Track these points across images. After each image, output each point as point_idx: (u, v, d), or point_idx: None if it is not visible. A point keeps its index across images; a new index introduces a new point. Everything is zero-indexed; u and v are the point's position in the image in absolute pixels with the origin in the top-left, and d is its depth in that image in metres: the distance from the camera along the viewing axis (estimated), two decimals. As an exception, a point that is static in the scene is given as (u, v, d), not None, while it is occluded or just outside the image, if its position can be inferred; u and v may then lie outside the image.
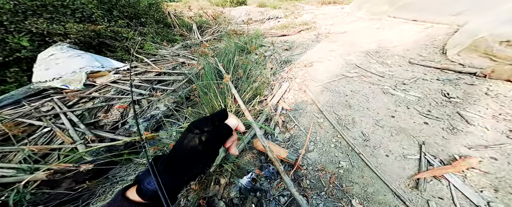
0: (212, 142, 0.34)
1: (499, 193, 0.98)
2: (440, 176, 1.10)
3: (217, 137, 0.35)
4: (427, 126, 1.46)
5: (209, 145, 0.33)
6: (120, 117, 1.77)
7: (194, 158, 0.33)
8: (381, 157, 1.28)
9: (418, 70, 2.24)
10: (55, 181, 1.14)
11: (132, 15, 3.20)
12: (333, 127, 1.57)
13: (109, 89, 2.00)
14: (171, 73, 2.40)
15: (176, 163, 0.33)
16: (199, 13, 5.12)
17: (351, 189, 1.13)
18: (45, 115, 1.57)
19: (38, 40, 2.09)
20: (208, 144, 0.33)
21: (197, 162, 0.33)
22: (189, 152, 0.33)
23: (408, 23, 3.89)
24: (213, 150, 0.35)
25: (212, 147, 0.34)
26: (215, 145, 0.35)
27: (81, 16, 2.43)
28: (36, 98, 1.87)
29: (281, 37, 4.06)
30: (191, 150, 0.32)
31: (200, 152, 0.33)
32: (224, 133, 0.36)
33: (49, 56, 1.91)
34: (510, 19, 2.38)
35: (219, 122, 0.36)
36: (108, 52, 2.63)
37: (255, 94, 1.94)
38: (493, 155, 1.16)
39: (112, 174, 1.44)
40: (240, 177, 1.29)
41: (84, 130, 1.42)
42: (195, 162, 0.33)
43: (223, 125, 0.36)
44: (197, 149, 0.32)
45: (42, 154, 1.28)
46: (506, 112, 1.46)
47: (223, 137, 0.36)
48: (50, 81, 1.87)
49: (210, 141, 0.33)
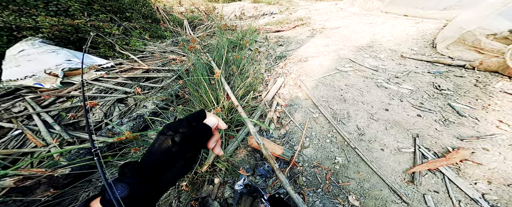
0: (187, 143, 0.31)
1: (492, 184, 0.99)
2: (434, 169, 1.09)
3: (193, 137, 0.32)
4: (420, 118, 1.46)
5: (184, 145, 0.31)
6: (103, 116, 1.65)
7: (167, 161, 0.30)
8: (377, 151, 1.27)
9: (410, 63, 2.26)
10: (28, 188, 1.03)
11: (115, 10, 2.99)
12: (329, 122, 1.54)
13: (91, 87, 1.85)
14: (159, 70, 2.27)
15: (147, 168, 0.29)
16: (190, 9, 4.92)
17: (347, 185, 1.11)
18: (16, 116, 1.42)
19: (6, 35, 1.88)
20: (182, 144, 0.30)
21: (171, 165, 0.31)
22: (161, 155, 0.30)
23: (400, 18, 3.94)
24: (189, 151, 0.32)
25: (188, 148, 0.31)
26: (191, 145, 0.32)
27: (56, 10, 2.22)
28: (7, 99, 1.70)
29: (275, 33, 3.99)
30: (163, 152, 0.30)
31: (174, 154, 0.30)
32: (201, 133, 0.33)
33: (19, 52, 1.72)
34: (497, 13, 2.45)
35: (197, 122, 0.34)
36: (90, 48, 2.45)
37: (249, 90, 1.87)
38: (485, 145, 1.17)
39: (96, 177, 1.33)
40: (235, 176, 1.23)
41: (59, 132, 1.29)
42: (169, 166, 0.31)
43: (200, 125, 0.34)
44: (170, 151, 0.30)
45: (13, 159, 1.15)
46: (495, 103, 1.49)
47: (201, 136, 0.33)
48: (22, 79, 1.70)
49: (185, 141, 0.31)
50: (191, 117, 0.34)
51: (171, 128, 0.31)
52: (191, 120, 0.33)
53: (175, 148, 0.30)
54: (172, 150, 0.30)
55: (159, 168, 0.30)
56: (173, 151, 0.30)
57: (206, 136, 0.34)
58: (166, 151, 0.30)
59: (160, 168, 0.30)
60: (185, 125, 0.32)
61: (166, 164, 0.30)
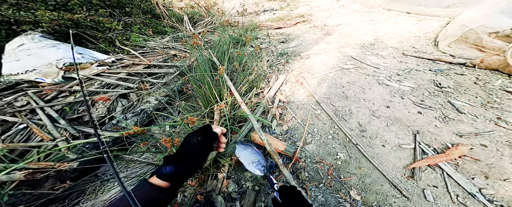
0: (205, 141, 0.51)
1: (489, 179, 1.02)
2: (434, 164, 1.12)
3: (208, 138, 0.52)
4: (421, 115, 1.49)
5: (204, 143, 0.51)
6: (107, 111, 1.65)
7: (195, 152, 0.49)
8: (378, 148, 1.29)
9: (412, 61, 2.27)
10: (37, 181, 1.05)
11: (115, 4, 2.93)
12: (331, 119, 1.56)
13: (93, 82, 1.85)
14: (161, 66, 2.26)
15: (183, 156, 0.48)
16: (190, 4, 4.84)
17: (349, 180, 1.13)
18: (19, 110, 1.42)
19: (5, 29, 1.85)
20: (203, 143, 0.51)
21: (196, 155, 0.49)
22: (192, 148, 0.49)
23: (402, 15, 3.91)
24: (206, 148, 0.51)
25: (205, 145, 0.51)
26: (208, 143, 0.52)
27: (55, 4, 2.17)
28: (8, 93, 1.70)
29: (277, 30, 3.96)
30: (193, 146, 0.49)
31: (198, 148, 0.50)
32: (212, 137, 0.53)
33: (19, 47, 1.70)
34: (499, 11, 2.44)
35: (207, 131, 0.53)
36: (90, 43, 2.42)
37: (252, 87, 1.88)
38: (483, 142, 1.20)
39: (102, 172, 1.36)
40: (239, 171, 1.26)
41: (65, 126, 1.30)
42: (195, 155, 0.49)
43: (211, 133, 0.54)
44: (196, 145, 0.49)
45: (20, 152, 1.16)
46: (493, 100, 1.51)
47: (212, 138, 0.53)
48: (23, 73, 1.69)
49: (204, 140, 0.51)
50: (203, 128, 0.53)
51: (194, 133, 0.51)
52: (204, 130, 0.53)
53: (199, 144, 0.50)
54: (197, 145, 0.49)
55: (190, 156, 0.48)
56: (198, 146, 0.50)
57: (214, 138, 0.53)
58: (194, 145, 0.49)
59: (191, 156, 0.48)
60: (202, 132, 0.52)
61: (194, 154, 0.49)
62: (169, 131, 1.56)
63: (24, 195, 1.04)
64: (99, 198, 1.18)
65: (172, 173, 0.44)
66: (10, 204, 1.00)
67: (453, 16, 3.13)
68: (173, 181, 0.45)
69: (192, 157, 0.48)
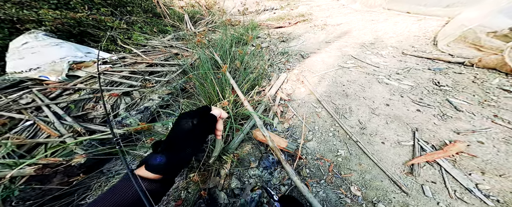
0: (201, 126, 0.42)
1: (485, 175, 1.05)
2: (432, 161, 1.15)
3: (205, 121, 0.44)
4: (420, 113, 1.52)
5: (200, 128, 0.42)
6: (110, 109, 1.67)
7: (189, 138, 0.41)
8: (377, 145, 1.32)
9: (411, 60, 2.30)
10: (46, 176, 1.07)
11: (116, 3, 2.94)
12: (331, 116, 1.59)
13: (96, 80, 1.87)
14: (163, 65, 2.28)
15: (175, 143, 0.40)
16: (191, 3, 4.83)
17: (349, 177, 1.16)
18: (25, 107, 1.44)
19: (8, 27, 1.86)
20: (199, 127, 0.42)
21: (190, 141, 0.41)
22: (185, 134, 0.40)
23: (402, 15, 3.94)
24: (202, 133, 0.43)
25: (202, 129, 0.43)
26: (203, 128, 0.43)
27: (57, 3, 2.18)
28: (13, 90, 1.71)
29: (277, 29, 3.97)
30: (187, 132, 0.40)
31: (193, 133, 0.41)
32: (210, 120, 0.45)
33: (22, 45, 1.72)
34: (498, 10, 2.47)
35: (204, 113, 0.45)
36: (92, 42, 2.43)
37: (253, 85, 1.90)
38: (480, 138, 1.23)
39: (107, 168, 1.38)
40: (241, 168, 1.28)
41: (71, 123, 1.32)
42: (189, 142, 0.41)
43: (208, 115, 0.45)
44: (191, 131, 0.40)
45: (27, 148, 1.18)
46: (491, 98, 1.54)
47: (210, 123, 0.45)
48: (27, 71, 1.71)
49: (200, 125, 0.42)
50: (200, 109, 0.45)
51: (188, 115, 0.42)
52: (201, 111, 0.45)
53: (194, 129, 0.41)
54: (192, 130, 0.40)
55: (184, 143, 0.40)
56: (193, 130, 0.41)
57: (213, 122, 0.46)
58: (189, 131, 0.40)
59: (184, 143, 0.40)
60: (197, 114, 0.43)
61: (188, 140, 0.41)
62: (173, 129, 1.59)
63: (33, 190, 1.07)
64: (104, 193, 1.21)
65: (165, 164, 0.37)
66: (20, 199, 1.02)
67: (452, 15, 3.16)
68: (165, 174, 0.38)
69: (186, 145, 0.40)
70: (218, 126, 0.48)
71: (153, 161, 0.38)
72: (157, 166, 0.37)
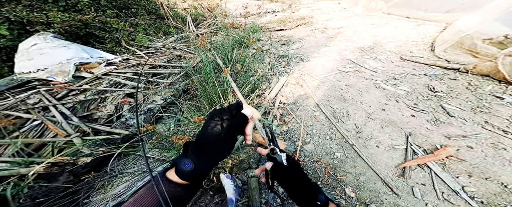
0: (232, 128, 0.39)
1: (472, 178, 1.10)
2: (423, 164, 1.20)
3: (235, 123, 0.39)
4: (414, 118, 1.57)
5: (230, 130, 0.38)
6: (114, 110, 1.73)
7: (219, 142, 0.38)
8: (372, 148, 1.37)
9: (408, 65, 2.35)
10: (53, 175, 1.12)
11: (121, 5, 3.01)
12: (329, 120, 1.64)
13: (101, 81, 1.92)
14: (166, 66, 2.34)
15: (205, 146, 0.37)
16: (193, 5, 4.90)
17: (344, 179, 1.21)
18: (32, 107, 1.49)
19: (17, 29, 1.93)
20: (229, 129, 0.38)
21: (222, 144, 0.38)
22: (214, 136, 0.37)
23: (402, 20, 4.00)
24: (232, 135, 0.39)
25: (232, 132, 0.39)
26: (234, 130, 0.39)
27: (65, 5, 2.25)
28: (20, 90, 1.77)
29: (278, 32, 4.03)
30: (216, 135, 0.37)
31: (222, 136, 0.38)
32: (241, 120, 0.40)
33: (32, 46, 1.78)
34: (495, 17, 2.52)
35: (236, 111, 0.41)
36: (97, 43, 2.49)
37: (254, 88, 1.95)
38: (469, 143, 1.28)
39: (111, 168, 1.43)
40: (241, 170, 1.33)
41: (78, 123, 1.38)
42: (220, 145, 0.38)
43: (239, 114, 0.41)
44: (220, 133, 0.37)
45: (35, 147, 1.24)
46: (483, 105, 1.59)
47: (241, 123, 0.40)
48: (35, 72, 1.76)
49: (231, 126, 0.38)
50: (232, 106, 0.41)
51: (218, 115, 0.38)
52: (232, 109, 0.41)
53: (224, 132, 0.37)
54: (221, 134, 0.37)
55: (213, 148, 0.37)
56: (222, 134, 0.37)
57: (244, 123, 0.41)
58: (218, 134, 0.37)
59: (213, 148, 0.37)
60: (228, 113, 0.39)
61: (218, 145, 0.38)
62: (175, 129, 1.64)
63: (40, 188, 1.12)
64: (108, 192, 1.25)
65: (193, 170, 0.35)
66: (28, 196, 1.07)
67: (451, 21, 3.21)
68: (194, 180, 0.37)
69: (216, 148, 0.38)
70: (248, 129, 0.42)
71: (182, 167, 0.35)
72: (185, 172, 0.35)
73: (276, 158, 0.53)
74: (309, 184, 0.49)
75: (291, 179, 0.49)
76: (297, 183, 0.49)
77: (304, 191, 0.47)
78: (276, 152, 0.53)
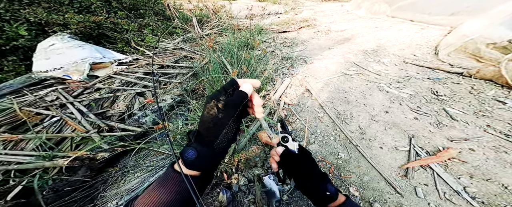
0: (229, 107, 0.35)
1: (474, 179, 1.14)
2: (426, 165, 1.24)
3: (233, 101, 0.36)
4: (417, 121, 1.60)
5: (228, 110, 0.35)
6: (126, 108, 1.80)
7: (217, 125, 0.35)
8: (376, 149, 1.41)
9: (412, 69, 2.38)
10: (72, 169, 1.19)
11: (130, 7, 3.11)
12: (333, 121, 1.69)
13: (113, 80, 2.00)
14: (174, 67, 2.41)
15: (203, 132, 0.36)
16: (198, 6, 5.00)
17: (348, 178, 1.26)
18: (51, 104, 1.57)
19: (35, 29, 2.02)
20: (226, 109, 0.35)
21: (220, 129, 0.35)
22: (211, 120, 0.35)
23: (406, 23, 4.02)
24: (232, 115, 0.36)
25: (230, 112, 0.35)
26: (232, 109, 0.35)
27: (79, 7, 2.35)
28: (36, 88, 1.85)
29: (281, 34, 4.08)
30: (212, 118, 0.35)
31: (220, 119, 0.35)
32: (239, 98, 0.36)
33: (50, 46, 1.86)
34: (501, 22, 2.54)
35: (232, 89, 0.37)
36: (107, 43, 2.58)
37: (259, 89, 2.01)
38: (471, 146, 1.32)
39: (123, 164, 1.50)
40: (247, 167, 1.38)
41: (94, 120, 1.45)
42: (219, 130, 0.35)
43: (236, 91, 0.37)
44: (217, 116, 0.35)
45: (55, 141, 1.31)
46: (485, 109, 1.62)
47: (240, 101, 0.36)
48: (51, 71, 1.85)
49: (227, 106, 0.35)
50: (226, 85, 0.38)
51: (213, 97, 0.35)
52: (227, 88, 0.37)
53: (221, 113, 0.34)
54: (219, 116, 0.34)
55: (212, 133, 0.35)
56: (220, 116, 0.34)
57: (244, 98, 0.36)
58: (214, 117, 0.34)
59: (212, 132, 0.35)
60: (223, 93, 0.36)
61: (217, 129, 0.35)
62: (183, 127, 1.70)
63: (61, 181, 1.19)
64: (121, 187, 1.32)
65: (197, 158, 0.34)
66: (50, 189, 1.14)
67: (455, 25, 3.22)
68: (201, 169, 0.36)
69: (216, 133, 0.35)
70: (255, 101, 0.39)
71: (185, 156, 0.34)
72: (189, 161, 0.34)
73: (288, 146, 0.51)
74: (319, 174, 0.48)
75: (300, 167, 0.48)
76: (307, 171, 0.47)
77: (313, 180, 0.46)
78: (287, 140, 0.51)
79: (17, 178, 1.07)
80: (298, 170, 0.49)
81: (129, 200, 0.35)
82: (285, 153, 0.50)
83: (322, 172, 0.51)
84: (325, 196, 0.46)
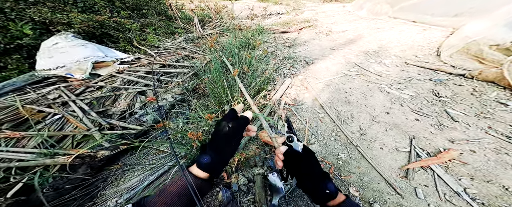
0: (237, 128, 0.50)
1: (474, 180, 1.13)
2: (426, 166, 1.24)
3: (239, 124, 0.51)
4: (418, 122, 1.60)
5: (235, 129, 0.50)
6: (127, 106, 1.81)
7: (227, 140, 0.49)
8: (376, 150, 1.41)
9: (413, 70, 2.37)
10: (72, 166, 1.20)
11: (133, 6, 3.13)
12: (333, 122, 1.68)
13: (115, 79, 2.01)
14: (175, 66, 2.42)
15: (217, 144, 0.49)
16: (200, 6, 5.02)
17: (349, 178, 1.25)
18: (53, 102, 1.59)
19: (39, 28, 2.05)
20: (235, 128, 0.50)
21: (230, 142, 0.50)
22: (224, 135, 0.49)
23: (408, 24, 4.01)
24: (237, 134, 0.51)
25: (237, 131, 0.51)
26: (238, 130, 0.51)
27: (83, 6, 2.38)
28: (39, 86, 1.87)
29: (282, 34, 4.09)
30: (225, 134, 0.49)
31: (231, 134, 0.49)
32: (244, 121, 0.52)
33: (53, 45, 1.88)
34: (504, 23, 2.53)
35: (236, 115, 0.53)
36: (110, 43, 2.60)
37: (260, 89, 2.01)
38: (472, 148, 1.31)
39: (123, 162, 1.50)
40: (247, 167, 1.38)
41: (95, 118, 1.46)
42: (228, 142, 0.50)
43: (241, 117, 0.53)
44: (228, 132, 0.49)
45: (56, 139, 1.32)
46: (487, 111, 1.61)
47: (244, 124, 0.52)
48: (54, 69, 1.86)
49: (235, 127, 0.50)
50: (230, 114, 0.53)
51: (224, 120, 0.50)
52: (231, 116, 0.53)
53: (230, 131, 0.49)
54: (229, 133, 0.49)
55: (223, 145, 0.49)
56: (229, 133, 0.49)
57: (247, 121, 0.53)
58: (226, 133, 0.49)
59: (223, 145, 0.49)
60: (231, 118, 0.51)
61: (226, 142, 0.49)
62: (184, 126, 1.71)
63: (61, 178, 1.19)
64: (121, 185, 1.32)
65: (211, 163, 0.45)
66: (50, 186, 1.15)
67: (458, 26, 3.21)
68: (212, 172, 0.46)
69: (226, 145, 0.48)
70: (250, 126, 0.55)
71: (201, 160, 0.46)
72: (205, 164, 0.45)
73: (292, 146, 0.55)
74: (320, 172, 0.52)
75: (303, 166, 0.52)
76: (309, 170, 0.52)
77: (314, 179, 0.50)
78: (292, 140, 0.55)
79: (18, 175, 1.08)
80: (300, 169, 0.53)
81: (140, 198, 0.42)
82: (288, 152, 0.55)
83: (324, 171, 0.54)
84: (324, 194, 0.48)
